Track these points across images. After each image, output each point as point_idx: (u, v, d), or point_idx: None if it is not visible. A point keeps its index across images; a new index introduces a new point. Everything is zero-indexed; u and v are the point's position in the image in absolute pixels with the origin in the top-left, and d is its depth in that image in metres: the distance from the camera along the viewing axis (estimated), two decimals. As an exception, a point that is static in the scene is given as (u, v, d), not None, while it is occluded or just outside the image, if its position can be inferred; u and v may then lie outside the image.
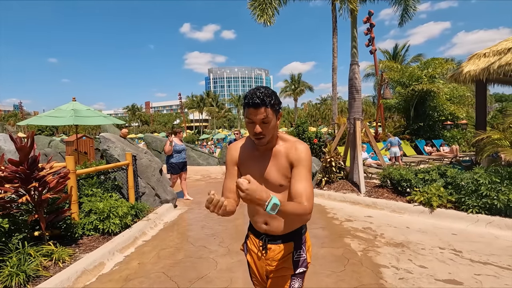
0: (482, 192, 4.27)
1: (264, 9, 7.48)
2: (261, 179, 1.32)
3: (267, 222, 1.37)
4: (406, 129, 14.17)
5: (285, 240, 1.37)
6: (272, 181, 1.31)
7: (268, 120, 1.22)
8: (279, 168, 1.30)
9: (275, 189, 1.31)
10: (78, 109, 7.43)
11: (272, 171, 1.31)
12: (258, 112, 1.19)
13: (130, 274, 3.08)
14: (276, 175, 1.30)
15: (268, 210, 1.00)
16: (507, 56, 6.45)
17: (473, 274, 2.85)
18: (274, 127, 1.26)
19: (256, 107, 1.19)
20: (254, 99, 1.18)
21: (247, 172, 1.32)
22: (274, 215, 1.15)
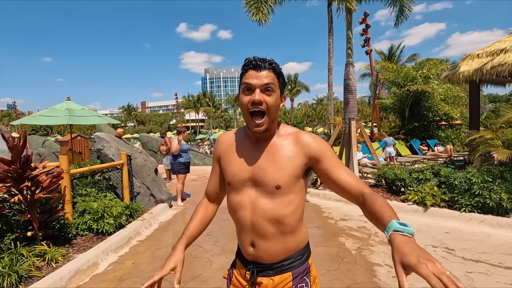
0: (474, 191, 4.32)
1: (259, 7, 7.50)
2: (249, 179, 1.02)
3: (254, 243, 1.04)
4: (401, 129, 14.29)
5: (279, 270, 1.03)
6: (265, 182, 0.99)
7: (272, 88, 0.96)
8: (282, 165, 0.99)
9: (268, 193, 0.99)
10: (73, 108, 7.38)
11: (268, 168, 0.99)
12: (261, 75, 0.95)
13: (124, 274, 3.07)
14: (274, 174, 0.98)
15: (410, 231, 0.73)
16: (499, 57, 6.55)
17: (465, 272, 2.88)
18: (277, 106, 1.00)
19: (259, 68, 0.96)
20: (257, 60, 0.97)
21: (230, 167, 1.06)
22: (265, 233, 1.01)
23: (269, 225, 1.00)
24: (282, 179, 0.98)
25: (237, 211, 1.06)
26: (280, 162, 0.99)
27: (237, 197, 1.06)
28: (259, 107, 0.96)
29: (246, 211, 1.03)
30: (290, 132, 1.05)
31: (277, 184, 0.98)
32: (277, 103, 0.99)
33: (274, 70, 0.98)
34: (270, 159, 1.01)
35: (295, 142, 1.02)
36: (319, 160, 1.00)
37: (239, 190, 1.05)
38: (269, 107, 0.96)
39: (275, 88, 0.97)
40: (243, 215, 1.04)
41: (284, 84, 1.04)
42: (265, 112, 0.96)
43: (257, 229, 1.02)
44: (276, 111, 1.00)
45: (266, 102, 0.96)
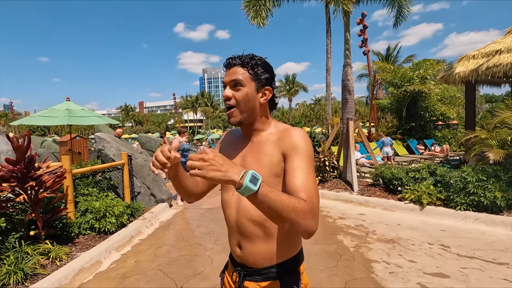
0: (469, 190, 4.42)
1: (258, 11, 7.57)
2: None
3: (241, 245, 1.01)
4: (399, 129, 14.41)
5: (266, 277, 0.98)
6: None
7: (240, 82, 0.97)
8: (262, 163, 0.96)
9: None
10: (72, 109, 7.40)
11: (251, 165, 0.98)
12: (230, 72, 0.99)
13: (127, 271, 3.13)
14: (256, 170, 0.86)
15: (246, 183, 0.71)
16: (494, 58, 6.66)
17: (459, 268, 2.97)
18: (251, 99, 0.98)
19: (229, 66, 1.00)
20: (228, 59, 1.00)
21: None
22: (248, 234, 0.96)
23: (252, 226, 0.97)
24: (263, 175, 0.93)
25: (225, 209, 1.07)
26: (261, 159, 0.97)
27: (225, 195, 1.07)
28: (227, 102, 1.00)
29: (231, 210, 1.04)
30: (281, 128, 1.02)
31: None
32: (249, 97, 0.98)
33: (244, 65, 0.98)
34: (255, 156, 1.00)
35: (280, 138, 0.97)
36: (286, 155, 0.93)
37: (228, 188, 1.06)
38: (237, 101, 0.98)
39: (245, 83, 0.97)
40: (229, 214, 1.04)
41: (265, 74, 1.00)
42: (234, 106, 0.99)
43: (242, 230, 1.00)
44: (248, 103, 0.98)
45: (234, 96, 0.98)
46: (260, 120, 1.03)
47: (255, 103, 1.00)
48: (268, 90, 1.02)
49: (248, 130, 1.05)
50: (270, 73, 1.03)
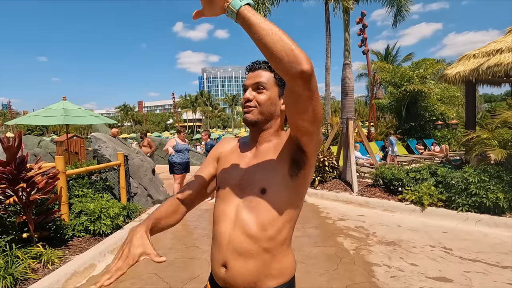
0: (471, 191, 4.35)
1: (256, 10, 7.45)
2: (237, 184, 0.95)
3: (227, 263, 0.91)
4: (398, 129, 14.36)
5: None
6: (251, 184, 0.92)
7: (264, 85, 0.95)
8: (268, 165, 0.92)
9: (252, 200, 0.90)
10: (69, 108, 7.31)
11: (256, 170, 0.94)
12: (253, 75, 0.98)
13: (121, 275, 3.04)
14: (260, 175, 0.92)
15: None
16: (495, 57, 6.59)
17: (462, 271, 2.90)
18: (272, 103, 0.96)
19: (253, 69, 0.99)
20: (254, 62, 1.00)
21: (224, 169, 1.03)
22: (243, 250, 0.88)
23: (247, 240, 0.88)
24: (268, 180, 0.90)
25: (219, 222, 0.96)
26: (267, 163, 0.93)
27: (223, 205, 0.97)
28: (248, 103, 0.96)
29: (227, 222, 0.93)
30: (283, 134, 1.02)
31: (262, 186, 0.89)
32: (270, 101, 0.96)
33: (270, 69, 0.97)
34: (259, 161, 0.96)
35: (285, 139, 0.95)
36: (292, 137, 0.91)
37: (226, 197, 0.97)
38: (259, 103, 0.95)
39: (268, 86, 0.96)
40: (223, 227, 0.94)
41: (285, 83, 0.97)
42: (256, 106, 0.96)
43: (235, 245, 0.90)
44: (270, 107, 0.96)
45: (256, 99, 0.95)
46: (274, 127, 1.00)
47: (276, 109, 0.98)
48: None
49: (257, 136, 1.00)
50: None
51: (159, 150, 13.32)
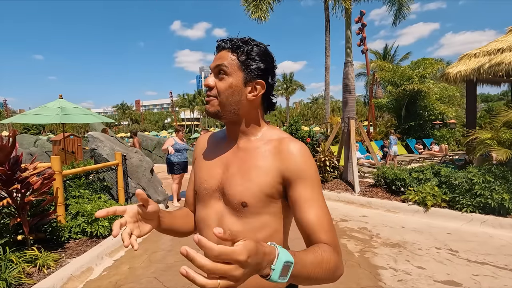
0: (476, 191, 4.29)
1: (258, 5, 7.38)
2: (217, 189, 0.84)
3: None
4: (397, 128, 14.33)
5: None
6: (230, 194, 0.80)
7: (225, 69, 0.80)
8: (250, 177, 0.79)
9: (234, 210, 0.80)
10: (65, 107, 7.17)
11: (235, 177, 0.81)
12: (217, 56, 0.83)
13: (120, 279, 2.94)
14: (239, 186, 0.79)
15: (275, 278, 0.54)
16: (496, 56, 6.55)
17: (471, 275, 2.83)
18: (234, 92, 0.80)
19: (218, 49, 0.84)
20: (219, 40, 0.84)
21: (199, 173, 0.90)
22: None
23: None
24: (249, 195, 0.78)
25: (202, 229, 0.87)
26: (249, 173, 0.79)
27: (203, 211, 0.87)
28: (208, 92, 0.83)
29: (210, 231, 0.81)
30: (275, 137, 0.85)
31: (242, 200, 0.78)
32: (232, 89, 0.80)
33: (234, 50, 0.80)
34: (241, 166, 0.82)
35: (274, 150, 0.81)
36: (290, 181, 0.77)
37: (206, 202, 0.87)
38: (219, 92, 0.80)
39: (230, 71, 0.79)
40: (207, 236, 0.83)
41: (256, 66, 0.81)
42: (216, 95, 0.81)
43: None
44: (232, 99, 0.80)
45: (217, 86, 0.81)
46: (248, 120, 0.85)
47: (240, 98, 0.81)
48: (260, 84, 0.82)
49: (232, 130, 0.88)
50: (266, 64, 0.83)
51: (157, 149, 13.19)
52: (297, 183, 0.77)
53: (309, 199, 0.76)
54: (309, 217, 0.74)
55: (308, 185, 0.77)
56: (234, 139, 0.88)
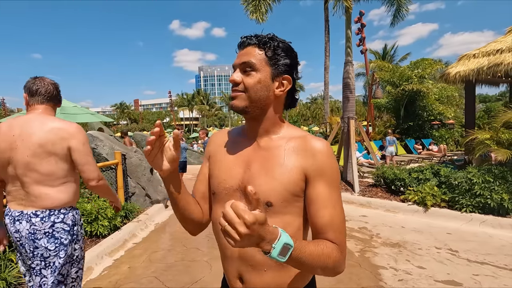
0: (475, 192, 4.30)
1: (257, 5, 7.38)
2: (237, 188, 0.82)
3: (242, 276, 0.83)
4: (396, 128, 14.37)
5: None
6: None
7: (253, 65, 0.79)
8: (274, 175, 0.78)
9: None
10: (65, 106, 7.12)
11: (259, 177, 0.80)
12: (242, 53, 0.82)
13: (120, 279, 2.93)
14: (264, 185, 0.78)
15: (275, 255, 0.61)
16: (496, 57, 6.57)
17: (471, 275, 2.84)
18: (263, 87, 0.80)
19: (242, 46, 0.83)
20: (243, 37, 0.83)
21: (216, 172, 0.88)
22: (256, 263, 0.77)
23: (260, 254, 0.76)
24: (274, 194, 0.77)
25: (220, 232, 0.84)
26: (273, 171, 0.78)
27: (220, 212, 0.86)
28: (235, 88, 0.81)
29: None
30: (297, 135, 0.84)
31: (268, 200, 0.77)
32: (260, 84, 0.79)
33: (260, 45, 0.80)
34: (263, 165, 0.80)
35: (298, 148, 0.80)
36: (309, 179, 0.77)
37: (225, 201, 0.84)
38: (247, 87, 0.79)
39: (258, 67, 0.79)
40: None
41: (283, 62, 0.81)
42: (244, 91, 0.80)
43: (246, 258, 0.80)
44: (261, 94, 0.80)
45: (244, 82, 0.80)
46: (271, 117, 0.84)
47: (268, 94, 0.81)
48: (287, 80, 0.82)
49: (254, 127, 0.86)
50: (291, 59, 0.83)
51: (156, 148, 13.14)
52: (317, 181, 0.77)
53: (326, 198, 0.77)
54: (323, 216, 0.76)
55: (328, 183, 0.77)
56: (254, 137, 0.86)
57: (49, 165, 1.51)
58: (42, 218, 1.51)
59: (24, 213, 1.51)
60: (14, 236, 1.54)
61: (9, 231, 1.57)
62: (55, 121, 1.58)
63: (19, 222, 1.51)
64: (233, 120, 65.62)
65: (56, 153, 1.52)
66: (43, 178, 1.51)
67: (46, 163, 1.51)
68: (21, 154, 1.49)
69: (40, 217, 1.51)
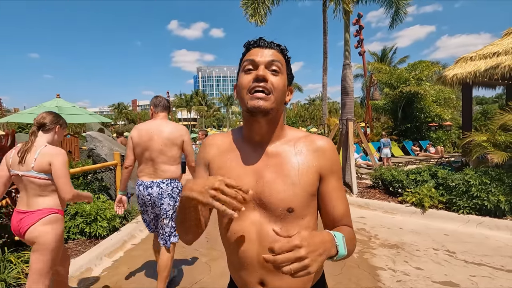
0: (472, 193, 4.34)
1: (256, 8, 7.40)
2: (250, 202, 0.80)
3: (264, 280, 0.81)
4: (394, 130, 14.45)
5: None
6: (273, 203, 0.78)
7: (280, 68, 0.80)
8: (293, 180, 0.78)
9: (277, 217, 0.79)
10: (63, 106, 7.11)
11: (276, 184, 0.78)
12: (266, 52, 0.81)
13: (119, 280, 2.93)
14: (284, 192, 0.77)
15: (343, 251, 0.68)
16: (492, 60, 6.65)
17: (468, 276, 2.87)
18: (284, 93, 0.82)
19: (265, 46, 0.82)
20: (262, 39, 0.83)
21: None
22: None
23: None
24: (296, 199, 0.77)
25: (239, 243, 0.81)
26: (290, 176, 0.79)
27: (236, 223, 0.81)
28: (262, 84, 0.77)
29: (250, 243, 0.80)
30: (300, 135, 0.86)
31: (289, 206, 0.77)
32: (284, 88, 0.82)
33: (282, 52, 0.84)
34: (278, 171, 0.79)
35: (307, 149, 0.82)
36: (323, 177, 0.82)
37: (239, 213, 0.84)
38: (275, 87, 0.78)
39: (282, 71, 0.81)
40: (248, 249, 0.80)
41: (291, 75, 0.87)
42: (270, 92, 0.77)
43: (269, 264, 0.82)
44: (282, 98, 0.82)
45: (272, 82, 0.77)
46: (280, 122, 0.86)
47: (284, 99, 0.84)
48: (291, 91, 0.89)
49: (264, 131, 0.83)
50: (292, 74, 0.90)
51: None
52: (329, 177, 0.83)
53: (338, 191, 0.84)
54: (338, 207, 0.83)
55: (337, 177, 0.85)
56: (260, 143, 0.84)
57: (172, 151, 2.40)
58: (166, 184, 2.40)
59: (154, 182, 2.39)
60: (146, 197, 2.41)
61: (142, 195, 2.43)
62: (172, 123, 2.46)
63: (150, 188, 2.38)
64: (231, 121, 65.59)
65: (176, 143, 2.41)
66: (168, 160, 2.40)
67: (171, 150, 2.39)
68: (156, 143, 2.36)
69: (165, 183, 2.40)
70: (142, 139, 2.39)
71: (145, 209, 2.52)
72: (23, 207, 1.84)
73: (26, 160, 1.80)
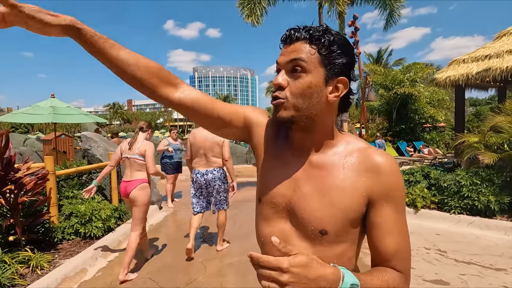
0: (464, 194, 4.42)
1: (252, 9, 7.44)
2: (285, 207, 0.73)
3: None
4: (389, 131, 14.58)
5: None
6: (305, 219, 0.69)
7: (303, 66, 0.66)
8: (333, 201, 0.68)
9: (308, 236, 0.70)
10: (57, 106, 7.08)
11: (312, 200, 0.70)
12: (289, 49, 0.68)
13: (114, 280, 2.94)
14: (319, 211, 0.68)
15: None
16: (484, 62, 6.77)
17: (458, 274, 2.93)
18: (314, 93, 0.67)
19: (289, 40, 0.68)
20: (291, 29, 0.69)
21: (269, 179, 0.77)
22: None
23: None
24: (331, 222, 0.67)
25: (265, 246, 0.77)
26: (330, 195, 0.68)
27: (267, 228, 0.76)
28: (276, 93, 0.68)
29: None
30: (356, 147, 0.72)
31: (323, 228, 0.67)
32: (311, 90, 0.66)
33: (313, 41, 0.66)
34: (318, 186, 0.70)
35: (358, 166, 0.69)
36: (373, 202, 0.68)
37: (269, 217, 0.76)
38: (293, 93, 0.66)
39: (309, 67, 0.65)
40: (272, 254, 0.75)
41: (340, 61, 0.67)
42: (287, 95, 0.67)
43: None
44: (311, 101, 0.67)
45: (290, 87, 0.67)
46: (323, 128, 0.72)
47: (320, 100, 0.67)
48: (343, 82, 0.69)
49: (301, 139, 0.73)
50: (349, 58, 0.69)
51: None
52: (383, 205, 0.68)
53: (392, 224, 0.67)
54: (388, 244, 0.67)
55: (395, 207, 0.68)
56: (303, 150, 0.74)
57: (217, 148, 3.36)
58: (217, 171, 3.40)
59: (208, 170, 3.38)
60: (202, 182, 3.38)
61: (199, 180, 3.39)
62: None
63: (206, 175, 3.37)
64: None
65: (219, 144, 3.34)
66: (216, 154, 3.37)
67: (217, 148, 3.35)
68: (208, 143, 3.33)
69: (216, 170, 3.39)
70: (196, 141, 3.37)
71: (200, 191, 3.44)
72: (127, 178, 3.01)
73: (132, 148, 3.00)
